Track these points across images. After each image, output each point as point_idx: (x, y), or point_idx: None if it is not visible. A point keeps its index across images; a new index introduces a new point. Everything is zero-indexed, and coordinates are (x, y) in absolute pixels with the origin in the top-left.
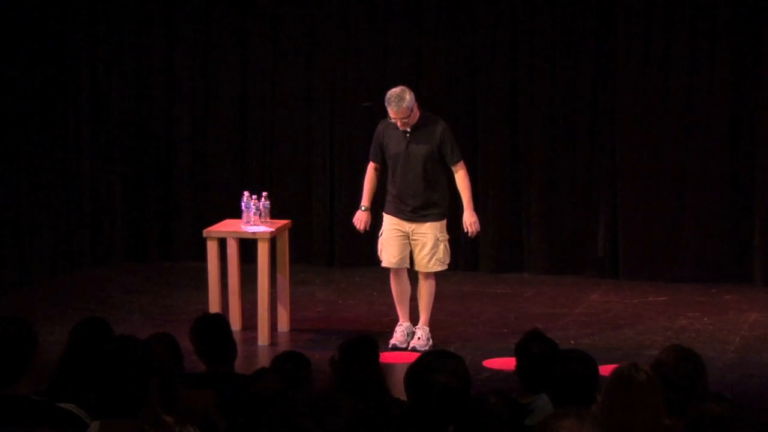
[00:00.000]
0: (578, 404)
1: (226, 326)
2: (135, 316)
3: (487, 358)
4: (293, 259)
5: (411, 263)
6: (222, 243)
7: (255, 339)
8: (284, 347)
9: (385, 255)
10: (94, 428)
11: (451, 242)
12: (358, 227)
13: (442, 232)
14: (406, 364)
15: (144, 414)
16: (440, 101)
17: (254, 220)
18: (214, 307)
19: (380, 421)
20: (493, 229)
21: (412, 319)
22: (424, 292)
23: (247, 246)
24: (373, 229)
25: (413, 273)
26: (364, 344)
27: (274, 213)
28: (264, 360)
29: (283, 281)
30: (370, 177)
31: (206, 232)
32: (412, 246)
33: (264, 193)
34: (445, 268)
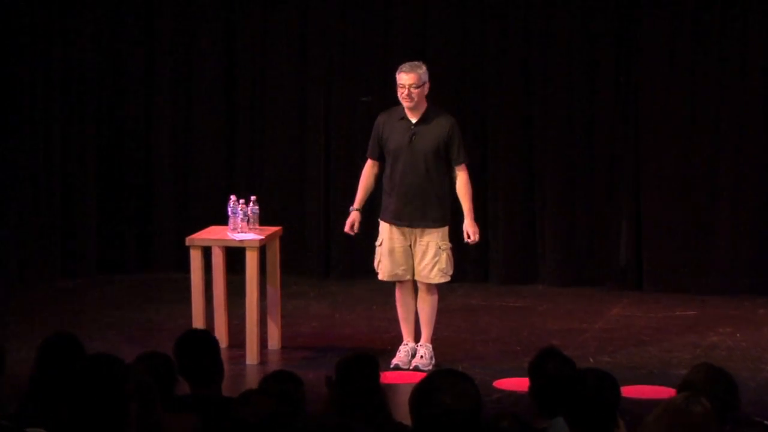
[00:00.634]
0: (598, 429)
1: (214, 344)
2: (110, 333)
3: (498, 378)
4: (285, 270)
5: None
6: (207, 252)
7: (243, 357)
8: (275, 366)
9: (385, 267)
10: None
11: (455, 251)
12: (345, 230)
13: (444, 240)
14: (408, 385)
15: None
16: (446, 100)
17: (242, 226)
18: (198, 322)
19: None
20: (504, 236)
21: (418, 338)
22: (426, 306)
23: (234, 255)
24: (371, 236)
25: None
26: (363, 363)
27: (264, 219)
28: (252, 380)
29: (274, 294)
30: (367, 175)
31: (189, 240)
32: (412, 255)
33: (252, 198)
34: (448, 279)
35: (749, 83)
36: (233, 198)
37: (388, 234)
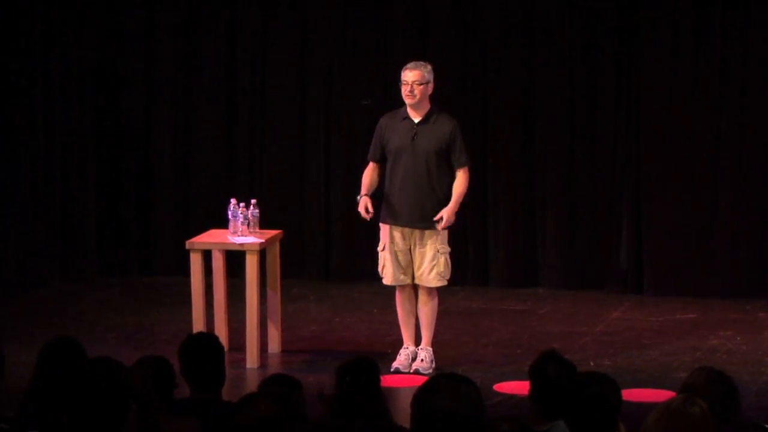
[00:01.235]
0: None
1: (220, 349)
2: (110, 336)
3: (499, 381)
4: (285, 273)
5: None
6: (207, 255)
7: (243, 361)
8: (275, 370)
9: (389, 271)
10: None
11: (455, 255)
12: (363, 216)
13: (443, 244)
14: (408, 389)
15: None
16: (446, 102)
17: (242, 230)
18: (199, 326)
19: None
20: (504, 240)
21: (418, 342)
22: (426, 310)
23: (235, 258)
24: (372, 239)
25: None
26: (363, 367)
27: (264, 222)
28: (252, 384)
29: (274, 297)
30: (369, 174)
31: (189, 243)
32: (411, 259)
33: (253, 201)
34: (445, 283)
35: (750, 86)
36: (233, 201)
37: (389, 238)
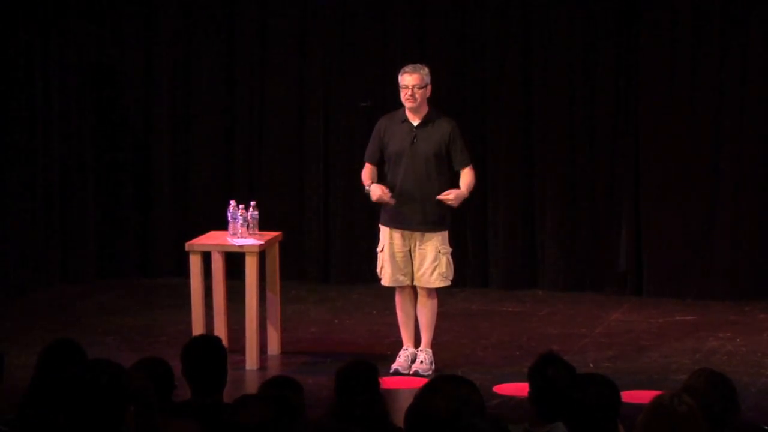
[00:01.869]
0: None
1: (223, 352)
2: (110, 338)
3: (498, 383)
4: (284, 275)
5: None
6: (206, 257)
7: (242, 363)
8: (274, 372)
9: (387, 272)
10: None
11: (455, 256)
12: (385, 200)
13: (444, 245)
14: (408, 390)
15: None
16: (445, 104)
17: (241, 231)
18: (198, 328)
19: None
20: (504, 241)
21: (418, 343)
22: (426, 311)
23: (234, 260)
24: (370, 241)
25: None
26: (363, 369)
27: (263, 224)
28: (252, 386)
29: (274, 299)
30: (367, 172)
31: (188, 245)
32: (411, 259)
33: (252, 203)
34: (448, 283)
35: (750, 87)
36: (233, 203)
37: (389, 239)
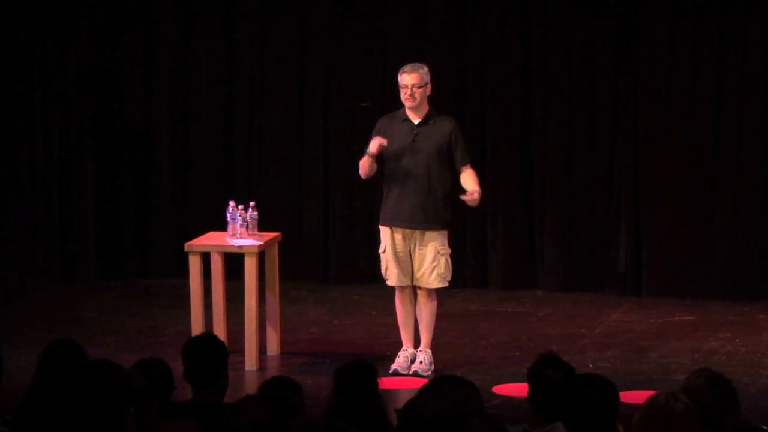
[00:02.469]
0: None
1: (224, 352)
2: (109, 339)
3: (498, 383)
4: (284, 276)
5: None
6: (205, 258)
7: (242, 363)
8: (274, 372)
9: (394, 272)
10: None
11: (454, 257)
12: (380, 142)
13: (443, 245)
14: (407, 390)
15: None
16: (445, 105)
17: (241, 232)
18: (197, 328)
19: None
20: (503, 241)
21: (417, 344)
22: (426, 312)
23: (233, 261)
24: (370, 242)
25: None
26: (362, 369)
27: (263, 224)
28: (251, 386)
29: (273, 300)
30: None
31: (188, 245)
32: (411, 259)
33: (251, 203)
34: (445, 284)
35: (749, 88)
36: (232, 204)
37: (390, 240)
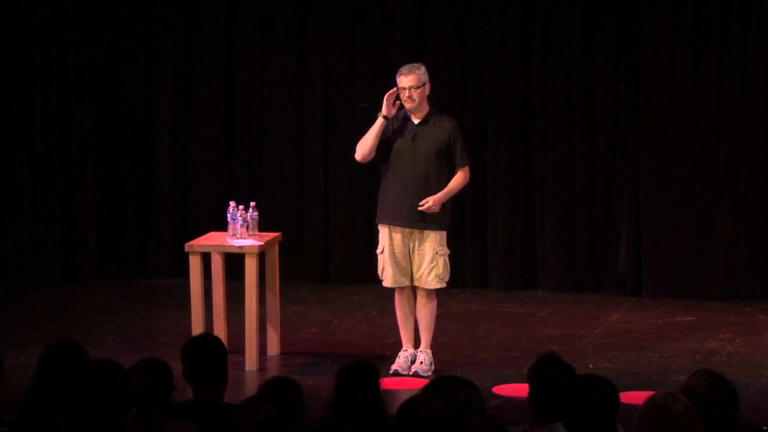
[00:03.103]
0: None
1: (224, 351)
2: (110, 339)
3: (498, 384)
4: (284, 276)
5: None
6: (206, 258)
7: (242, 363)
8: (274, 372)
9: (389, 273)
10: None
11: (454, 258)
12: (391, 99)
13: (442, 246)
14: (408, 391)
15: None
16: (446, 103)
17: (241, 232)
18: (198, 329)
19: None
20: (504, 242)
21: (417, 344)
22: (426, 312)
23: (234, 261)
24: (370, 241)
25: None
26: (363, 370)
27: (263, 225)
28: (252, 386)
29: (273, 300)
30: None
31: (188, 246)
32: (410, 259)
33: (252, 203)
34: (444, 285)
35: (749, 88)
36: (232, 204)
37: (389, 240)
